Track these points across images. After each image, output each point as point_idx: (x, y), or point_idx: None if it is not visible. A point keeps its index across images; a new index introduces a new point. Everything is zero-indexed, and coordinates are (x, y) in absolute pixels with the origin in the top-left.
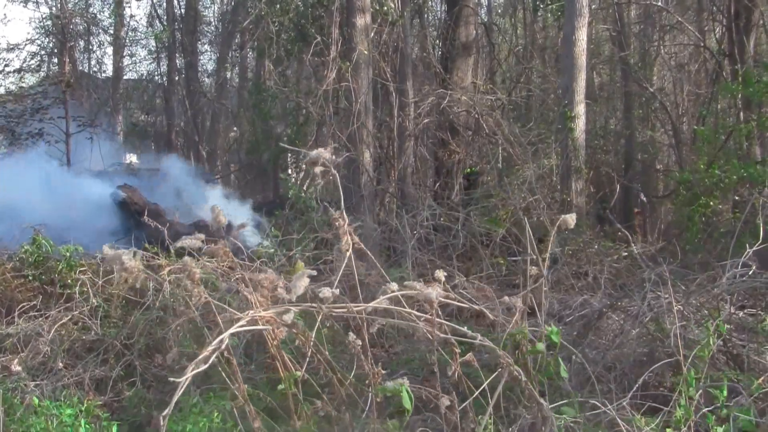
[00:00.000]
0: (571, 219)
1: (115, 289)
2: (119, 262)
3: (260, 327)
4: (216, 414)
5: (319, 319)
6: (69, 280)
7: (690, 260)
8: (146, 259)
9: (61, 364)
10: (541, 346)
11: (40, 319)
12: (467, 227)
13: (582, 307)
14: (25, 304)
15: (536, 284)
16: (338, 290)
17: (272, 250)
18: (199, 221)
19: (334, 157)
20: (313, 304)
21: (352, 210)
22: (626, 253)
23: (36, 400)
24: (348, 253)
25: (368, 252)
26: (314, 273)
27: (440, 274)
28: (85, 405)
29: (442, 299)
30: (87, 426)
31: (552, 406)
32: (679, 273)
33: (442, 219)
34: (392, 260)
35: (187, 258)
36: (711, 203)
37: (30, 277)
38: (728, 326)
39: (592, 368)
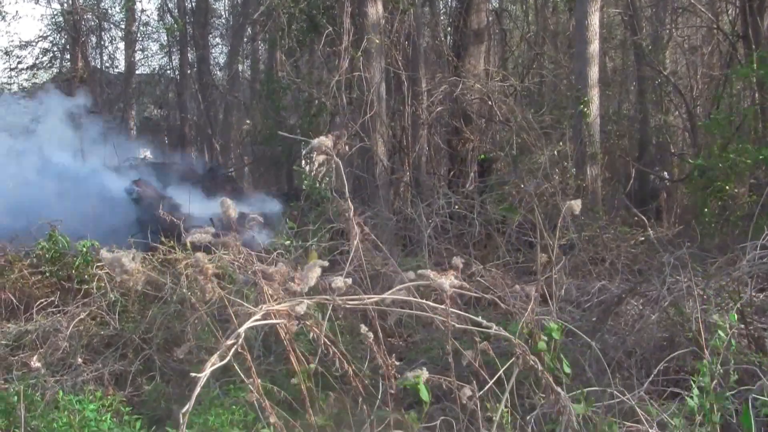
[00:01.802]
0: (576, 205)
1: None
2: (119, 264)
3: (274, 321)
4: (236, 406)
5: (329, 310)
6: (86, 276)
7: (708, 244)
8: (163, 253)
9: (80, 359)
10: (542, 344)
11: (59, 315)
12: (483, 215)
13: (600, 292)
14: (43, 300)
15: (548, 272)
16: (351, 280)
17: (288, 242)
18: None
19: (343, 145)
20: (326, 296)
21: (367, 200)
22: (643, 238)
23: (60, 393)
24: (356, 243)
25: (378, 241)
26: (326, 264)
27: (458, 261)
28: (108, 400)
29: (456, 289)
30: (110, 420)
31: (571, 394)
32: (698, 257)
33: (457, 207)
34: (408, 249)
35: (199, 254)
36: (726, 187)
37: (47, 273)
38: (749, 309)
39: (612, 354)
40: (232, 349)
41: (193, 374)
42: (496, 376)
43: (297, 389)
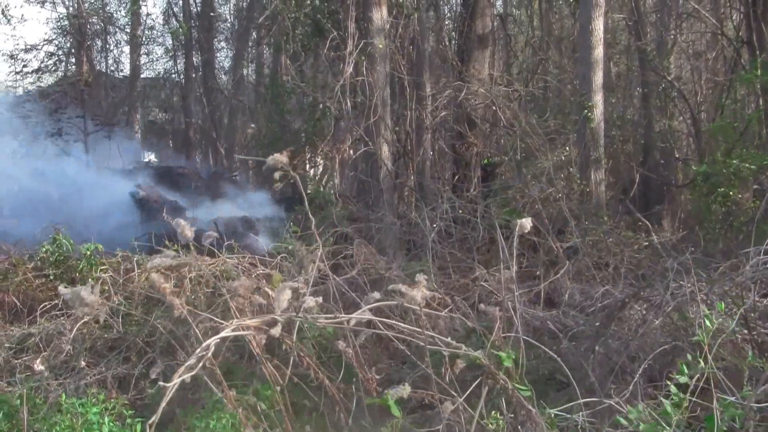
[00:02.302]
0: (527, 224)
1: (136, 287)
2: (78, 299)
3: (243, 333)
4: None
5: (295, 329)
6: (90, 279)
7: (712, 249)
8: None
9: (83, 362)
10: (507, 361)
11: (62, 318)
12: (486, 219)
13: (604, 297)
14: (46, 303)
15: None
16: (321, 299)
17: (291, 246)
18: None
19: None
20: (299, 315)
21: (371, 204)
22: (647, 243)
23: (63, 397)
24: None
25: (380, 246)
26: (296, 285)
27: (421, 277)
28: (111, 403)
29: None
30: (112, 424)
31: (567, 405)
32: (702, 262)
33: (461, 211)
34: (412, 253)
35: (153, 275)
36: (730, 193)
37: (51, 277)
38: (752, 314)
39: (615, 358)
40: (201, 361)
41: (161, 384)
42: (465, 394)
43: (270, 402)
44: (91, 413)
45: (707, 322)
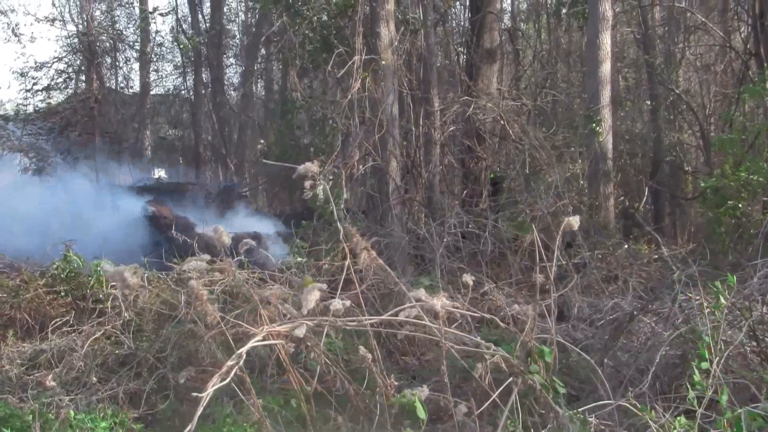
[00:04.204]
0: (574, 221)
1: (146, 303)
2: (121, 278)
3: (272, 342)
4: (248, 424)
5: (324, 332)
6: (101, 295)
7: (721, 262)
8: (177, 273)
9: (95, 378)
10: (534, 367)
11: (74, 334)
12: (495, 233)
13: (613, 310)
14: (58, 319)
15: (559, 291)
16: (349, 302)
17: (301, 261)
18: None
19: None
20: (325, 318)
21: (379, 219)
22: (656, 256)
23: (72, 413)
24: (367, 263)
25: (385, 266)
26: (324, 287)
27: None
28: (119, 418)
29: (451, 309)
30: None
31: (583, 408)
32: (710, 274)
33: (470, 226)
34: (421, 268)
35: (192, 281)
36: (739, 205)
37: (62, 293)
38: (760, 326)
39: (625, 371)
40: (233, 370)
41: (194, 394)
42: (492, 397)
43: (295, 410)
44: (99, 428)
45: (705, 339)
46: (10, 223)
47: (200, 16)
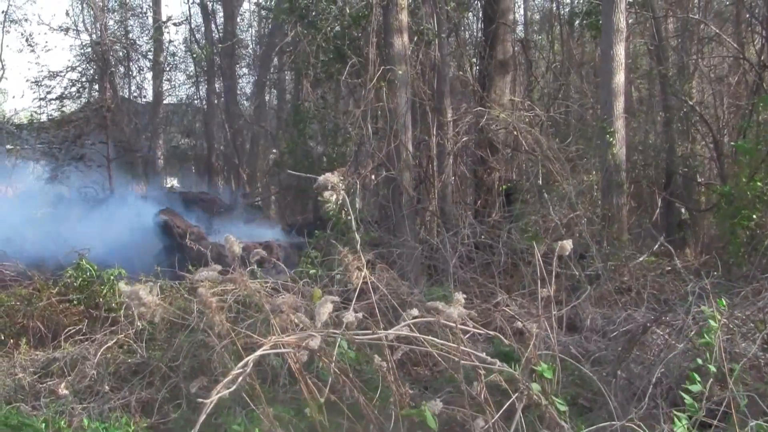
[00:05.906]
0: (568, 245)
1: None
2: (137, 297)
3: (282, 350)
4: None
5: (337, 343)
6: (114, 304)
7: (734, 273)
8: (189, 282)
9: (107, 387)
10: (536, 386)
11: (86, 342)
12: (508, 244)
13: (626, 322)
14: (71, 328)
15: (570, 303)
16: (361, 314)
17: (314, 271)
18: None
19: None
20: (336, 330)
21: (392, 229)
22: (670, 268)
23: (86, 422)
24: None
25: (378, 285)
26: (336, 299)
27: (459, 296)
28: (132, 427)
29: (465, 320)
30: None
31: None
32: (724, 286)
33: (483, 237)
34: (434, 279)
35: (201, 289)
36: (754, 216)
37: (75, 301)
38: None
39: (638, 383)
40: (240, 378)
41: (200, 400)
42: (500, 412)
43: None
44: None
45: (712, 322)
46: (24, 231)
47: (213, 26)
